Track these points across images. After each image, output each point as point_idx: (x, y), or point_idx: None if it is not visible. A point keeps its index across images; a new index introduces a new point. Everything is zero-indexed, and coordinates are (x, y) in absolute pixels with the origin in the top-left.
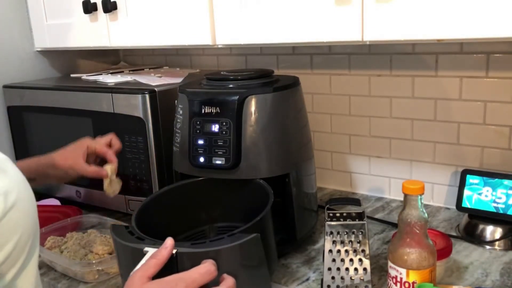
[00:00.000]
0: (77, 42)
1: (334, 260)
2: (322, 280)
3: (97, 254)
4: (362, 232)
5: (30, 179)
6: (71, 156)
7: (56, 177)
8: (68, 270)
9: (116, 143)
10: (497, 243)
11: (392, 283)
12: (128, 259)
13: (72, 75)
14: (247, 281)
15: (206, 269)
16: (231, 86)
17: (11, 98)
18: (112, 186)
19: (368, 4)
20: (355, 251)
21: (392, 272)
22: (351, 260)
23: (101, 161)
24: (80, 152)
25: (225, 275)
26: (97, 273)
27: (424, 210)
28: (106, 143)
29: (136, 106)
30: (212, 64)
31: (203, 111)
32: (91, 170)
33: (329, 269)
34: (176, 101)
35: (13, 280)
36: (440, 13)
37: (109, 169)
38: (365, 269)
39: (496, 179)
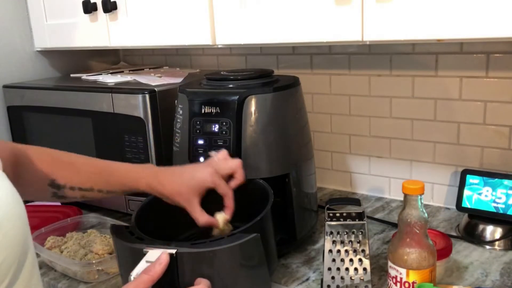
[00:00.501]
0: (77, 42)
1: (334, 260)
2: (322, 280)
3: (97, 254)
4: (362, 232)
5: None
6: (186, 192)
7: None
8: (68, 270)
9: (239, 176)
10: (497, 243)
11: (392, 283)
12: (128, 259)
13: (72, 75)
14: (247, 281)
15: None
16: (231, 86)
17: (11, 98)
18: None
19: (368, 4)
20: (355, 251)
21: (392, 272)
22: (351, 260)
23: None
24: (198, 190)
25: None
26: (97, 273)
27: (424, 210)
28: (230, 172)
29: (136, 106)
30: (212, 64)
31: (203, 111)
32: (203, 220)
33: (329, 269)
34: (176, 101)
35: None
36: (440, 13)
37: (221, 219)
38: (365, 269)
39: (496, 179)
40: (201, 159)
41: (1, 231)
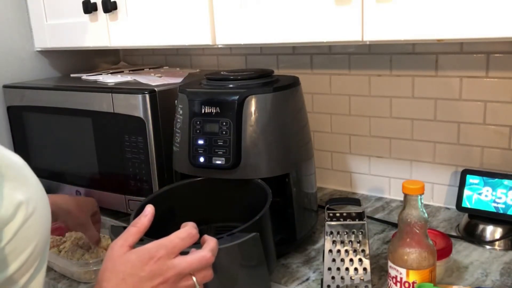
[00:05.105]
0: (77, 42)
1: (334, 260)
2: (322, 280)
3: (96, 254)
4: (362, 232)
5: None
6: (80, 211)
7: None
8: (65, 270)
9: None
10: (497, 243)
11: (392, 283)
12: None
13: (72, 75)
14: (246, 281)
15: (187, 233)
16: (231, 86)
17: (11, 98)
18: None
19: (368, 4)
20: (355, 251)
21: (392, 272)
22: (351, 260)
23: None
24: (89, 209)
25: (206, 236)
26: (94, 273)
27: (424, 210)
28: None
29: (136, 106)
30: (212, 64)
31: (203, 111)
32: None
33: (329, 269)
34: (176, 101)
35: (24, 287)
36: (440, 13)
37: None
38: (365, 269)
39: (496, 179)
40: (201, 159)
41: (36, 215)
